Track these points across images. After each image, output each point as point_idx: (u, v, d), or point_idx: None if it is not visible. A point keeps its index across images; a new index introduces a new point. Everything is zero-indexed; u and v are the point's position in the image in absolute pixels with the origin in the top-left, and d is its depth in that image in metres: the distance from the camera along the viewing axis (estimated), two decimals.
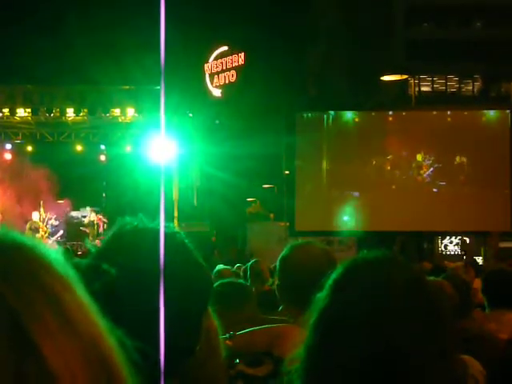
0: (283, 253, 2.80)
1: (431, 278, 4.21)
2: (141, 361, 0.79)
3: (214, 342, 1.50)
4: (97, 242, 19.68)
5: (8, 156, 23.22)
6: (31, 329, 0.61)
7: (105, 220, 21.69)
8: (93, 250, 1.35)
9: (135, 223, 1.33)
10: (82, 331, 0.65)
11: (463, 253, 21.79)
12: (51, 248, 0.71)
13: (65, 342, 0.63)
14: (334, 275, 1.36)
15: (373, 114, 18.88)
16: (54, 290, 0.65)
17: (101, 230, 21.44)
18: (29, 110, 20.88)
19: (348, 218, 18.07)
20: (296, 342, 1.33)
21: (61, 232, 21.46)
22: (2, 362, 0.59)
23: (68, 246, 17.46)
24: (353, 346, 1.26)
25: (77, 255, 10.67)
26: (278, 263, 2.77)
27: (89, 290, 0.71)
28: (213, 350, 1.48)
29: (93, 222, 22.06)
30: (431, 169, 17.90)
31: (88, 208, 23.02)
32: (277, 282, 2.78)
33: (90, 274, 1.19)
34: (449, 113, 18.88)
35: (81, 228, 22.26)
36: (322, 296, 1.34)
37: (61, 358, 0.61)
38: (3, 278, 0.63)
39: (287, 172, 20.04)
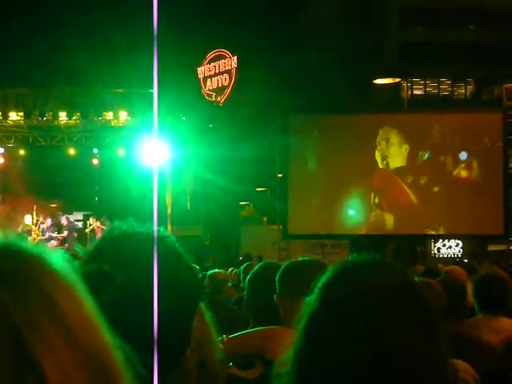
0: (282, 268, 2.88)
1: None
2: (147, 375, 0.78)
3: (209, 345, 1.51)
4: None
5: (0, 160, 23.13)
6: (33, 344, 0.59)
7: (103, 227, 21.56)
8: (81, 253, 1.34)
9: (124, 227, 1.32)
10: (86, 346, 0.63)
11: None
12: (59, 255, 0.68)
13: (67, 358, 0.61)
14: (323, 278, 1.37)
15: (366, 116, 18.88)
16: (59, 303, 0.63)
17: (98, 236, 21.26)
18: (21, 113, 20.80)
19: (341, 221, 18.07)
20: (288, 344, 1.33)
21: (46, 234, 21.20)
22: (3, 377, 0.58)
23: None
24: (342, 349, 1.26)
25: (76, 259, 10.65)
26: (278, 276, 2.83)
27: (96, 300, 0.69)
28: (207, 354, 1.48)
29: (92, 227, 21.99)
30: (429, 177, 17.92)
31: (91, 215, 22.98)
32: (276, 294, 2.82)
33: (97, 283, 1.19)
34: (442, 115, 18.92)
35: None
36: (311, 299, 1.34)
37: (62, 373, 0.60)
38: (8, 289, 0.61)
39: (280, 175, 20.03)
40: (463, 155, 17.86)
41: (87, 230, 22.07)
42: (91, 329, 0.66)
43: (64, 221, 21.92)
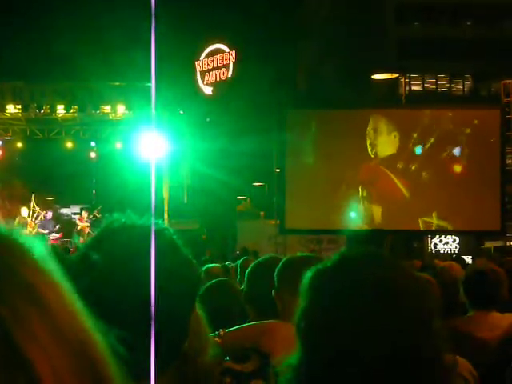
0: (281, 263, 2.89)
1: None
2: (129, 357, 0.78)
3: (203, 339, 1.51)
4: (80, 240, 19.51)
5: None
6: (20, 338, 0.58)
7: (87, 220, 21.43)
8: (81, 246, 1.35)
9: (123, 220, 1.33)
10: (70, 335, 0.62)
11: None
12: (39, 243, 0.66)
13: (54, 349, 0.60)
14: (320, 266, 1.37)
15: (364, 111, 18.86)
16: (42, 292, 0.62)
17: (85, 231, 21.10)
18: (19, 106, 20.77)
19: (338, 216, 18.06)
20: (283, 338, 1.34)
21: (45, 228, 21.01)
22: None
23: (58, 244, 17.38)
24: (337, 341, 1.27)
25: (68, 252, 10.56)
26: (277, 271, 2.84)
27: (77, 287, 0.68)
28: (202, 348, 1.49)
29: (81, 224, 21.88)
30: (422, 167, 17.92)
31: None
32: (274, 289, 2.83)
33: (78, 268, 1.20)
34: (441, 111, 18.91)
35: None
36: (309, 288, 1.35)
37: (50, 365, 0.59)
38: None
39: (278, 170, 20.02)
40: (460, 151, 17.87)
41: (78, 228, 22.00)
42: (74, 317, 0.65)
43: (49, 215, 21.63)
